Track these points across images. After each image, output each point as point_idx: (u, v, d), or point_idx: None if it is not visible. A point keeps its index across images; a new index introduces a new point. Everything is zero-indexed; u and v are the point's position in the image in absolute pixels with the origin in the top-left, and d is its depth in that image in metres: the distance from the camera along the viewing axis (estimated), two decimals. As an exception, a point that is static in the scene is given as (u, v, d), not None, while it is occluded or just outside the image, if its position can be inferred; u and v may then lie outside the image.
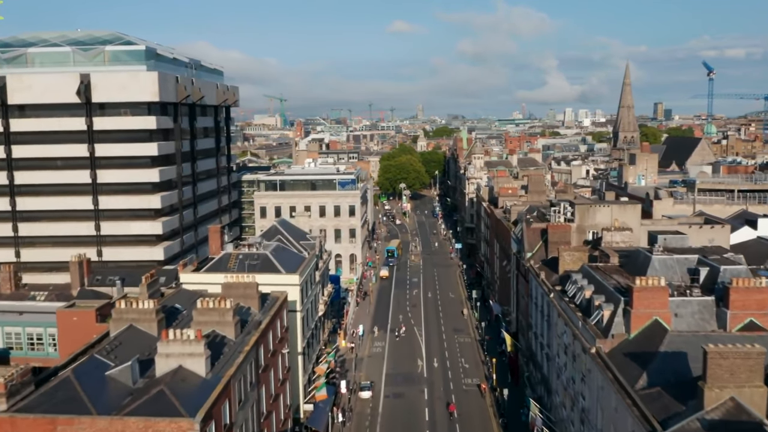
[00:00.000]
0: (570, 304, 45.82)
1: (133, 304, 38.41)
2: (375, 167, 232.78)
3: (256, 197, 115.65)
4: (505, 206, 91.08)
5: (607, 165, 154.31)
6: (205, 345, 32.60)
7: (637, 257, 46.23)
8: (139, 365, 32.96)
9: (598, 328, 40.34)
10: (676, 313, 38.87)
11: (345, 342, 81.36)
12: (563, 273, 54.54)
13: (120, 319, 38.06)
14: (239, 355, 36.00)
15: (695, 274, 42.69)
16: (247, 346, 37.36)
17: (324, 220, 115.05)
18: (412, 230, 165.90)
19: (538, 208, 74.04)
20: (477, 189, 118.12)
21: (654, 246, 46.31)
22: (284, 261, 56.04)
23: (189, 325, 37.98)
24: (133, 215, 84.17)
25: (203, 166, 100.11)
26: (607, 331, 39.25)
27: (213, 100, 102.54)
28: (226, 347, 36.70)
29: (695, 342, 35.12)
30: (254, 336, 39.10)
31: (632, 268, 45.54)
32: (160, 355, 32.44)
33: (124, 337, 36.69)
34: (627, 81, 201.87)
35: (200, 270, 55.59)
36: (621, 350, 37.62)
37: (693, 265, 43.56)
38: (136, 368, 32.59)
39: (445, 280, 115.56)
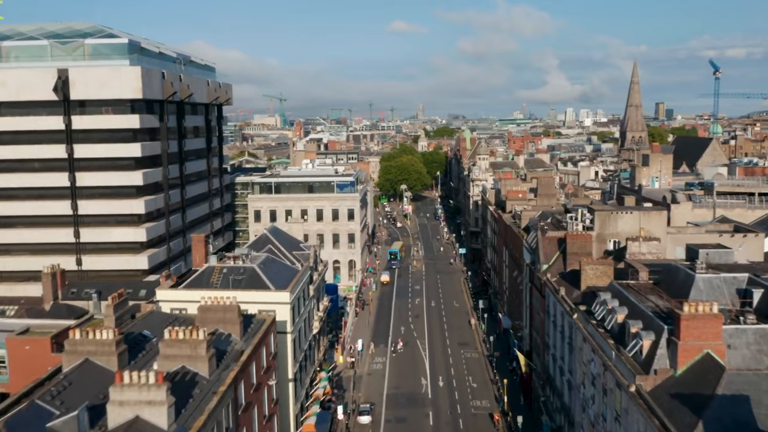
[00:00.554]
0: (599, 329, 39.95)
1: (89, 333, 32.54)
2: (375, 168, 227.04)
3: (250, 200, 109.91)
4: (514, 210, 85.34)
5: (617, 166, 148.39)
6: (168, 390, 26.71)
7: (676, 275, 40.35)
8: (88, 414, 27.08)
9: (636, 361, 34.47)
10: (728, 345, 33.05)
11: (343, 358, 75.51)
12: (586, 289, 48.73)
13: (74, 352, 32.20)
14: (213, 398, 30.14)
15: (746, 297, 36.84)
16: (224, 385, 31.49)
17: (321, 224, 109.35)
18: (414, 233, 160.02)
19: (553, 215, 68.16)
20: (482, 192, 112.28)
21: (695, 262, 40.39)
22: (274, 275, 50.18)
23: (156, 359, 32.17)
24: (115, 221, 78.47)
25: (193, 168, 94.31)
26: (648, 365, 33.37)
27: (203, 97, 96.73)
28: (198, 388, 30.83)
29: (758, 383, 29.47)
30: (233, 371, 33.23)
31: (671, 288, 39.65)
32: (113, 402, 26.56)
33: (76, 375, 30.84)
34: (635, 79, 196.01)
35: (179, 286, 49.73)
36: (666, 389, 31.76)
37: (743, 285, 37.70)
38: (84, 419, 26.70)
39: (449, 287, 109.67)
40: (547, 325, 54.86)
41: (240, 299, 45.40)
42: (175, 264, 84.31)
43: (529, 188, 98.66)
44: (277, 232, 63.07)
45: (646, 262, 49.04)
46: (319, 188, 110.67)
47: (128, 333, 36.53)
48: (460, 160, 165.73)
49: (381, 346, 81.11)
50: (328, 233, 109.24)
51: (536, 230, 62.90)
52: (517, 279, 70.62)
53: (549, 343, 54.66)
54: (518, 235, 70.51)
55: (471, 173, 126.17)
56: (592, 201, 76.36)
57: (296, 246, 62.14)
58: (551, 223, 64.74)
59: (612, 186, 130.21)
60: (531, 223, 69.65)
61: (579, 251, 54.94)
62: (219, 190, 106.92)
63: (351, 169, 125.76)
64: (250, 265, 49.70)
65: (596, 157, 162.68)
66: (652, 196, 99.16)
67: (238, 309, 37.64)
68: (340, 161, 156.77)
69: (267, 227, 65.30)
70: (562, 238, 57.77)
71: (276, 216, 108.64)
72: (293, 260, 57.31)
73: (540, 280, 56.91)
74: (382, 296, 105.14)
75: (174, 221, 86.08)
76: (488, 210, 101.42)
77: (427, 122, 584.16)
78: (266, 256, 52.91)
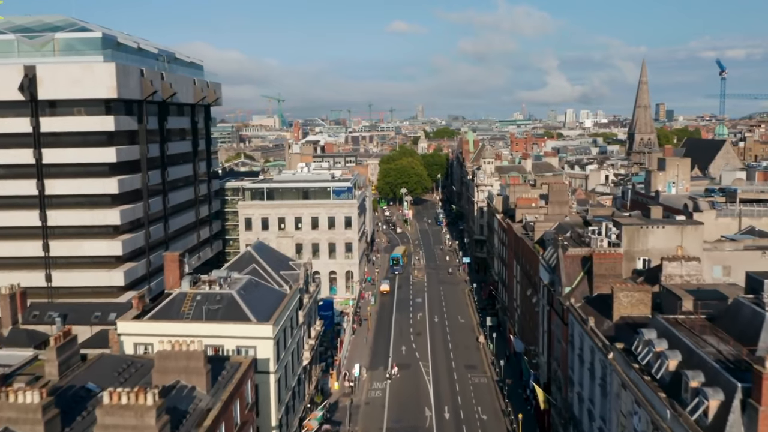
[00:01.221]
0: (644, 375, 33.00)
1: (9, 395, 25.56)
2: (374, 170, 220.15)
3: (241, 207, 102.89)
4: (525, 219, 78.44)
5: (627, 170, 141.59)
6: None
7: (738, 312, 33.35)
8: None
9: (700, 426, 27.51)
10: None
11: (338, 384, 68.53)
12: (620, 320, 41.82)
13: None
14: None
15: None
16: (178, 465, 24.51)
17: (317, 232, 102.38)
18: (415, 240, 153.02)
19: (572, 227, 61.18)
20: (488, 198, 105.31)
21: (761, 296, 33.37)
22: (256, 303, 43.16)
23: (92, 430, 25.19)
24: (88, 233, 71.40)
25: (177, 173, 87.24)
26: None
27: (189, 97, 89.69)
28: (143, 472, 23.85)
29: None
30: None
31: (733, 328, 32.70)
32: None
33: (-14, 454, 23.90)
34: (644, 79, 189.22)
35: (145, 316, 42.74)
36: (746, 469, 24.85)
37: (825, 326, 30.73)
38: None
39: (453, 300, 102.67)
40: (571, 357, 47.88)
41: (214, 333, 38.57)
42: (156, 279, 77.22)
43: (540, 194, 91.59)
44: (263, 249, 56.00)
45: (688, 288, 42.23)
46: (314, 194, 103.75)
47: (68, 387, 29.59)
48: (463, 163, 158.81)
49: (380, 368, 74.11)
50: (323, 242, 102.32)
51: (555, 246, 55.90)
52: (531, 299, 63.64)
53: (573, 378, 47.68)
54: (533, 250, 63.52)
55: (475, 178, 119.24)
56: (614, 212, 69.44)
57: (285, 264, 55.13)
58: (571, 237, 57.79)
59: (625, 192, 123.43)
60: (547, 237, 62.70)
61: (607, 273, 48.04)
62: (207, 197, 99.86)
63: (348, 174, 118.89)
64: (228, 291, 42.70)
65: (604, 160, 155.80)
66: (670, 203, 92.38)
67: (204, 356, 30.62)
68: (337, 164, 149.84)
69: (252, 244, 58.20)
70: (587, 257, 50.85)
71: (268, 224, 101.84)
72: (280, 282, 50.31)
73: (562, 305, 49.94)
74: (381, 310, 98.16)
75: (155, 232, 79.04)
76: (495, 218, 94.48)
77: (426, 123, 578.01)
78: (248, 279, 45.88)
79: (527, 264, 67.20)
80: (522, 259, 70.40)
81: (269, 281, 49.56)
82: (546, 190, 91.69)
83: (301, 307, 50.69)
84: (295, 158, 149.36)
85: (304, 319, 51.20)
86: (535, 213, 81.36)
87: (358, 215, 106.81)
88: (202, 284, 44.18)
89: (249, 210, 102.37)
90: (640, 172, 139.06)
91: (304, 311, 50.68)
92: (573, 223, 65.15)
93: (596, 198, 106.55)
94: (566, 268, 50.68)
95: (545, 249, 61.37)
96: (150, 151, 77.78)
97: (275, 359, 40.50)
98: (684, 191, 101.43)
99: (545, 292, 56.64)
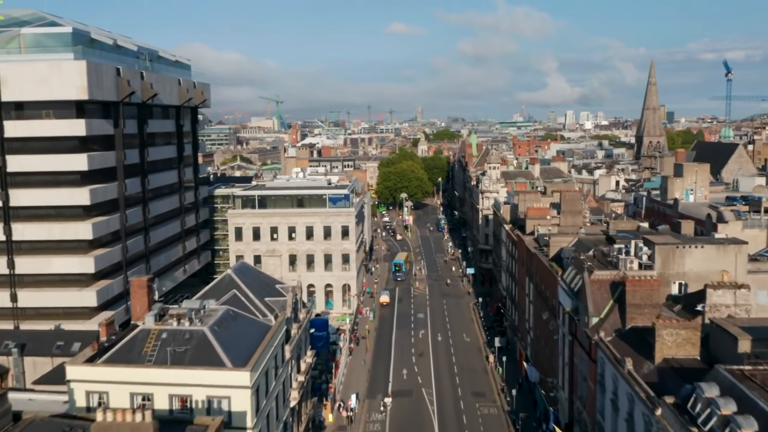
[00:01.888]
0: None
1: None
2: (373, 173, 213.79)
3: (230, 216, 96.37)
4: (537, 232, 72.04)
5: (638, 174, 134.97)
6: None
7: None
8: None
9: None
10: None
11: (332, 416, 61.95)
12: (663, 363, 35.34)
13: None
14: None
15: None
16: None
17: (311, 243, 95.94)
18: (415, 248, 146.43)
19: (595, 245, 54.60)
20: (495, 206, 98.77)
21: None
22: (233, 341, 36.60)
23: None
24: (57, 248, 64.83)
25: (160, 181, 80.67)
26: None
27: (174, 98, 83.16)
28: None
29: None
30: None
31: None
32: None
33: None
34: (652, 80, 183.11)
35: (100, 357, 36.15)
36: None
37: None
38: None
39: (457, 316, 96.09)
40: (601, 401, 41.31)
41: (181, 380, 32.05)
42: (135, 296, 70.60)
43: (550, 203, 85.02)
44: (245, 272, 49.35)
45: (740, 324, 35.83)
46: (309, 202, 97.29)
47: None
48: (466, 167, 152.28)
49: (379, 396, 67.47)
50: (319, 253, 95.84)
51: (578, 268, 49.35)
52: (548, 323, 57.08)
53: (603, 425, 41.07)
54: (549, 269, 56.93)
55: (480, 184, 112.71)
56: (638, 226, 62.88)
57: (271, 289, 48.55)
58: (595, 257, 51.25)
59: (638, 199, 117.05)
60: (566, 254, 56.16)
61: (643, 302, 41.51)
62: (194, 205, 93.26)
63: (346, 180, 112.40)
64: (198, 327, 36.09)
65: (613, 164, 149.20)
66: (690, 212, 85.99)
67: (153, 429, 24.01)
68: (334, 169, 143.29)
69: (233, 267, 51.45)
70: (617, 282, 44.32)
71: (260, 234, 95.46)
72: (265, 311, 43.74)
73: (588, 338, 43.38)
74: (381, 326, 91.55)
75: (134, 245, 72.46)
76: (503, 229, 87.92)
77: (426, 124, 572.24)
78: (225, 311, 39.26)
79: (542, 283, 60.65)
80: (536, 277, 63.84)
81: (251, 310, 42.99)
82: (557, 198, 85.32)
83: (289, 340, 44.06)
84: (290, 162, 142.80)
85: (292, 353, 44.60)
86: (547, 225, 75.00)
87: (356, 224, 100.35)
88: (169, 318, 37.57)
89: (239, 219, 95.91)
90: (653, 177, 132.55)
91: (291, 345, 44.05)
92: (594, 238, 58.60)
93: (609, 206, 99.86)
94: (593, 294, 44.10)
95: (564, 268, 54.86)
96: (128, 158, 71.31)
97: (254, 412, 33.90)
98: (703, 199, 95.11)
99: (566, 320, 50.09)
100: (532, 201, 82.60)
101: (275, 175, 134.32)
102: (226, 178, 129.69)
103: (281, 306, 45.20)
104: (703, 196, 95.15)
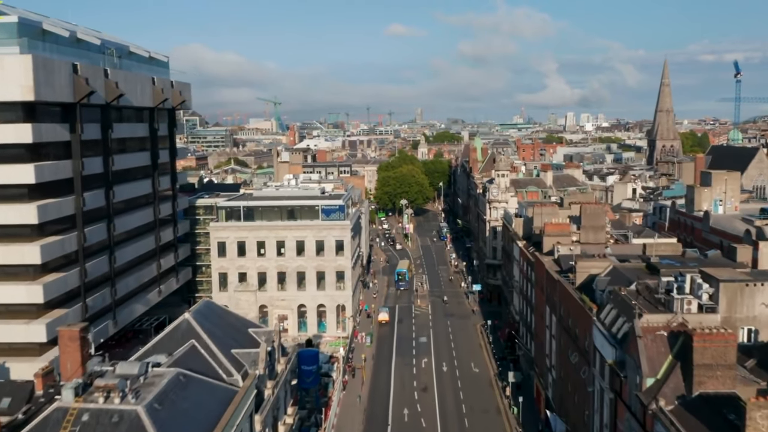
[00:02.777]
0: None
1: None
2: (372, 177, 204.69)
3: (213, 230, 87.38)
4: (557, 251, 62.96)
5: (656, 182, 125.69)
6: None
7: None
8: None
9: None
10: None
11: (322, 474, 52.78)
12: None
13: None
14: None
15: None
16: None
17: (302, 259, 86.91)
18: (416, 258, 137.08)
19: (636, 276, 45.30)
20: (505, 218, 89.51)
21: None
22: (177, 425, 27.28)
23: None
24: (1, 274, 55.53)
25: (129, 192, 71.43)
26: None
27: (146, 99, 73.90)
28: None
29: None
30: None
31: None
32: None
33: None
34: (665, 81, 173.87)
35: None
36: None
37: None
38: None
39: (464, 339, 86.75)
40: (662, 490, 32.06)
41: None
42: (97, 326, 61.43)
43: (568, 216, 75.77)
44: (209, 315, 39.90)
45: None
46: (300, 214, 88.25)
47: None
48: (470, 173, 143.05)
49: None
50: (310, 271, 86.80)
51: (619, 307, 40.05)
52: (579, 369, 47.74)
53: None
54: (580, 303, 47.65)
55: (487, 193, 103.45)
56: (684, 251, 53.61)
57: (241, 335, 39.24)
58: (638, 293, 41.98)
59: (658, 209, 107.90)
60: (599, 286, 46.88)
61: (715, 362, 32.27)
62: (172, 218, 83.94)
63: (341, 188, 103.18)
64: (132, 407, 26.77)
65: (627, 170, 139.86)
66: (722, 227, 76.98)
67: None
68: (330, 175, 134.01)
69: (195, 307, 41.96)
70: (676, 333, 35.09)
71: (245, 249, 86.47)
72: (230, 368, 34.44)
73: (642, 404, 34.09)
74: (379, 353, 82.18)
75: (96, 267, 63.13)
76: (515, 245, 78.68)
77: (426, 126, 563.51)
78: (173, 377, 29.90)
79: (569, 318, 51.38)
80: (560, 308, 54.55)
81: (213, 368, 33.73)
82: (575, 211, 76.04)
83: (260, 407, 34.69)
84: (282, 168, 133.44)
85: (265, 422, 35.20)
86: (568, 243, 65.95)
87: (352, 238, 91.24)
88: (96, 391, 28.26)
89: (222, 233, 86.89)
90: (672, 185, 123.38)
91: (263, 413, 34.66)
92: (632, 267, 49.35)
93: (631, 219, 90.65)
94: (648, 349, 34.83)
95: (597, 302, 45.67)
96: (89, 167, 62.03)
97: None
98: (733, 210, 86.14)
99: (606, 372, 40.78)
100: (549, 215, 73.36)
101: (266, 182, 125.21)
102: (214, 186, 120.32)
103: (252, 360, 35.90)
104: (733, 207, 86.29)
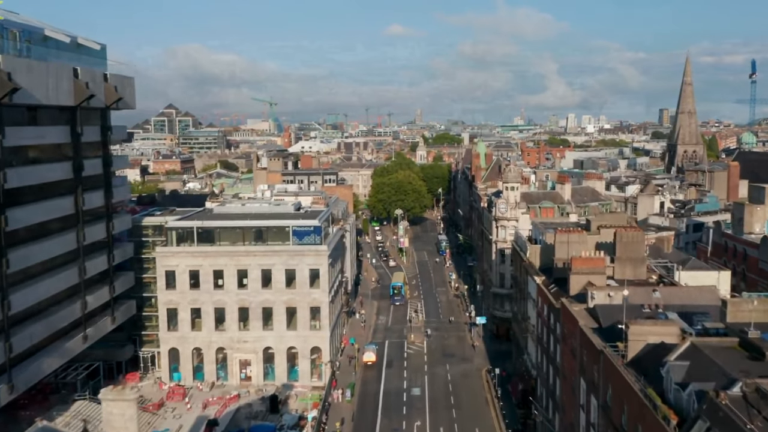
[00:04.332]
0: None
1: None
2: (366, 182, 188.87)
3: (159, 256, 71.94)
4: (591, 298, 47.28)
5: (685, 194, 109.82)
6: None
7: None
8: None
9: None
10: None
11: None
12: None
13: None
14: None
15: None
16: None
17: (269, 292, 71.71)
18: (412, 277, 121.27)
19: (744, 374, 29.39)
20: (517, 242, 73.52)
21: None
22: None
23: None
24: None
25: (34, 215, 55.39)
26: None
27: (63, 95, 57.87)
28: None
29: None
30: None
31: None
32: None
33: None
34: (687, 80, 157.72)
35: None
36: None
37: None
38: None
39: (467, 393, 70.78)
40: None
41: None
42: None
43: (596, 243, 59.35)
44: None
45: None
46: (267, 236, 72.69)
47: None
48: (473, 182, 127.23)
49: None
50: (279, 306, 71.42)
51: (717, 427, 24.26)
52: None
53: None
54: (644, 402, 31.66)
55: (494, 208, 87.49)
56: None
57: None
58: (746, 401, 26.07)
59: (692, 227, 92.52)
60: (675, 378, 30.97)
61: None
62: (107, 243, 67.92)
63: (322, 202, 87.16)
64: None
65: (649, 179, 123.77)
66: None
67: None
68: (313, 184, 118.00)
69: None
70: None
71: (199, 279, 71.11)
72: None
73: None
74: (360, 413, 66.20)
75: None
76: (531, 280, 62.69)
77: (425, 127, 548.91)
78: None
79: (623, 414, 35.40)
80: (605, 392, 38.57)
81: None
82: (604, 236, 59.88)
83: None
84: (260, 175, 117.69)
85: None
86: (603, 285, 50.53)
87: (331, 265, 75.45)
88: None
89: (171, 259, 71.45)
90: (704, 198, 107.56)
91: None
92: (717, 344, 33.38)
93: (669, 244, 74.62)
94: None
95: (670, 403, 29.84)
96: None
97: None
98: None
99: None
100: (577, 244, 57.43)
101: (238, 193, 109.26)
102: (177, 197, 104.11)
103: None
104: (786, 227, 71.28)
